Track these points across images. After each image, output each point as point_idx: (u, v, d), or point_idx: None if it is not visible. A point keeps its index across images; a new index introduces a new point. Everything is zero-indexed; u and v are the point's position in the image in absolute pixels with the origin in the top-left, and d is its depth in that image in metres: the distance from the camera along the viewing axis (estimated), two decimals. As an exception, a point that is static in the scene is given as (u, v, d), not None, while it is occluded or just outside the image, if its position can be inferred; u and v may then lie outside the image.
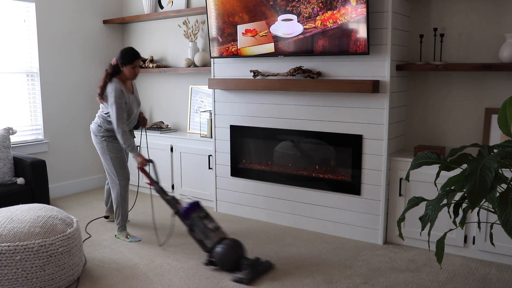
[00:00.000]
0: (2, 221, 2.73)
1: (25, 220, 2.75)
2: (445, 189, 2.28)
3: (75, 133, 5.05)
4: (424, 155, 2.42)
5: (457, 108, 3.54)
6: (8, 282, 2.58)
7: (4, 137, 3.86)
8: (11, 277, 2.58)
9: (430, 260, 3.21)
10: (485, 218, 3.07)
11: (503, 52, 3.16)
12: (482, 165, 2.06)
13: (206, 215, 3.21)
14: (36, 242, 2.65)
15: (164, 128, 4.92)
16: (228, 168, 4.26)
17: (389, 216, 3.55)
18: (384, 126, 3.44)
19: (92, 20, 5.11)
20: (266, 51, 3.78)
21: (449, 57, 3.49)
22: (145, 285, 2.89)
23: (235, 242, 3.07)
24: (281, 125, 3.92)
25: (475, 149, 2.85)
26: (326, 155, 3.85)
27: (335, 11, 3.37)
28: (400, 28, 3.48)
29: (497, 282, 2.90)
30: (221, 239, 3.08)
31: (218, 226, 3.19)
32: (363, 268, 3.12)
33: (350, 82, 3.42)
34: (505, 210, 2.00)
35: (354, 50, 3.37)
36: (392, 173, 3.51)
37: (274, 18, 3.67)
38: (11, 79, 4.51)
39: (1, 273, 2.57)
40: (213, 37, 4.03)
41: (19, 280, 2.60)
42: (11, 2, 4.43)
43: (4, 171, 3.78)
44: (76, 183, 5.09)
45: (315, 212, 3.82)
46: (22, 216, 2.80)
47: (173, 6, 4.85)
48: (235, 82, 3.99)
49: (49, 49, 4.74)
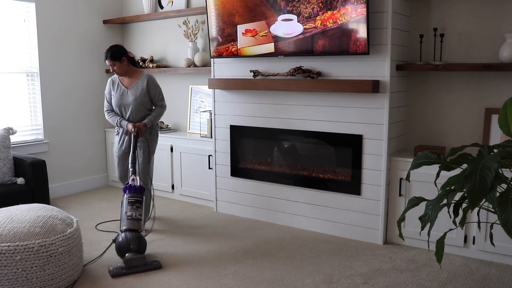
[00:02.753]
0: (2, 221, 2.73)
1: (25, 220, 2.75)
2: (445, 189, 2.28)
3: (75, 133, 5.05)
4: (424, 155, 2.42)
5: (457, 108, 3.54)
6: (8, 282, 2.58)
7: (4, 137, 3.86)
8: (11, 277, 2.58)
9: (430, 260, 3.21)
10: (485, 218, 3.07)
11: (503, 52, 3.16)
12: (482, 165, 2.06)
13: (135, 201, 3.27)
14: (36, 242, 2.65)
15: (164, 128, 4.92)
16: (228, 168, 4.26)
17: (389, 216, 3.55)
18: (384, 126, 3.44)
19: (92, 20, 5.11)
20: (266, 51, 3.78)
21: (449, 57, 3.50)
22: (145, 285, 2.89)
23: (132, 238, 3.13)
24: (281, 125, 3.92)
25: (475, 149, 2.85)
26: (326, 155, 3.85)
27: (335, 11, 3.37)
28: (400, 28, 3.48)
29: (497, 282, 2.90)
30: (126, 230, 3.19)
31: (135, 218, 3.23)
32: (363, 268, 3.12)
33: (350, 82, 3.42)
34: (505, 210, 2.00)
35: (354, 50, 3.37)
36: (392, 173, 3.51)
37: (274, 18, 3.67)
38: (11, 79, 4.51)
39: (1, 273, 2.57)
40: (213, 37, 4.04)
41: (19, 280, 2.60)
42: (11, 2, 4.43)
43: (4, 171, 3.78)
44: (76, 183, 5.09)
45: (315, 212, 3.82)
46: (22, 216, 2.80)
47: (173, 6, 4.85)
48: (235, 82, 3.99)
49: (49, 49, 4.74)
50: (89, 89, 5.15)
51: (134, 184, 3.39)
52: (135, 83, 3.72)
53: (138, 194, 3.33)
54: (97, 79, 5.22)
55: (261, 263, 3.20)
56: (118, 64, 3.65)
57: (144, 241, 3.22)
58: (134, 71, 3.78)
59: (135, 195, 3.31)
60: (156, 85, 3.77)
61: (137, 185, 3.38)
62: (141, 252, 3.16)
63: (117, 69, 3.68)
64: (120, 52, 3.65)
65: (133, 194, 3.31)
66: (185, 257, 3.31)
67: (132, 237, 3.14)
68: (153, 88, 3.74)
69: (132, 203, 3.28)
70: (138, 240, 3.16)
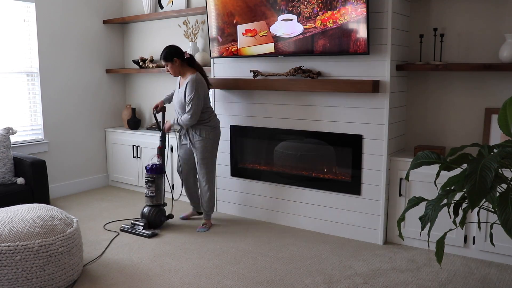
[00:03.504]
0: (2, 221, 2.73)
1: (25, 220, 2.75)
2: (445, 189, 2.29)
3: (75, 133, 5.05)
4: (424, 155, 2.42)
5: (457, 108, 3.54)
6: (8, 282, 2.58)
7: (4, 137, 3.86)
8: (11, 277, 2.58)
9: (430, 260, 3.21)
10: (485, 218, 3.07)
11: (503, 52, 3.16)
12: (482, 165, 2.06)
13: (147, 181, 3.83)
14: (36, 242, 2.65)
15: (164, 128, 4.92)
16: (228, 168, 4.26)
17: (389, 216, 3.55)
18: (384, 126, 3.44)
19: (92, 20, 5.11)
20: (266, 51, 3.78)
21: (449, 57, 3.50)
22: (145, 285, 2.89)
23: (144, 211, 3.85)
24: (281, 125, 3.92)
25: (475, 149, 2.85)
26: (326, 155, 3.85)
27: (335, 11, 3.37)
28: (400, 28, 3.48)
29: (497, 282, 2.90)
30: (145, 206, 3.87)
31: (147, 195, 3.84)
32: (363, 268, 3.12)
33: (350, 82, 3.42)
34: (505, 209, 2.00)
35: (354, 50, 3.37)
36: (392, 173, 3.51)
37: (274, 18, 3.67)
38: (11, 79, 4.51)
39: (1, 273, 2.57)
40: (213, 37, 4.04)
41: (19, 280, 2.60)
42: (11, 2, 4.43)
43: (4, 171, 3.78)
44: (76, 183, 5.09)
45: (315, 212, 3.82)
46: (22, 216, 2.79)
47: (173, 6, 4.85)
48: (235, 82, 3.99)
49: (49, 49, 4.74)
50: (89, 89, 5.15)
51: (147, 165, 3.85)
52: (183, 84, 3.75)
53: (149, 175, 3.83)
54: (97, 79, 5.22)
55: (261, 263, 3.20)
56: (170, 65, 3.72)
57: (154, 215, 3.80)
58: (187, 71, 3.77)
59: (148, 175, 3.84)
60: (191, 90, 3.64)
61: (147, 166, 3.84)
62: (150, 223, 3.80)
63: (170, 69, 3.74)
64: (171, 53, 3.69)
65: (147, 174, 3.84)
66: (185, 257, 3.31)
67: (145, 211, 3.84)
68: (188, 92, 3.67)
69: (145, 182, 3.86)
70: (148, 213, 3.81)
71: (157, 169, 3.84)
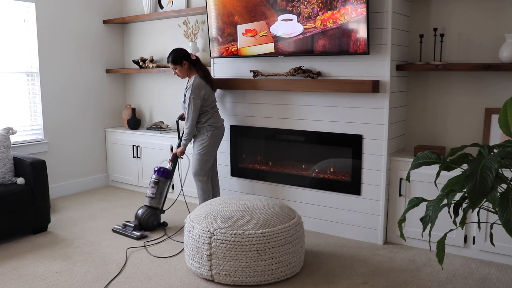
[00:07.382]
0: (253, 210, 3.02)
1: (264, 209, 3.02)
2: (445, 190, 2.29)
3: (75, 133, 5.05)
4: (424, 155, 2.42)
5: (457, 108, 3.54)
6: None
7: (4, 137, 3.86)
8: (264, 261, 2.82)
9: (430, 260, 3.22)
10: (485, 218, 3.07)
11: (503, 52, 3.16)
12: (483, 165, 2.06)
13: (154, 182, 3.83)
14: (277, 228, 2.89)
15: (164, 128, 4.92)
16: (228, 168, 4.26)
17: (389, 216, 3.55)
18: (384, 126, 3.44)
19: (92, 20, 5.11)
20: (266, 51, 3.78)
21: (449, 57, 3.50)
22: (145, 285, 2.89)
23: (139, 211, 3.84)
24: (281, 125, 3.92)
25: (475, 149, 2.85)
26: (326, 155, 3.85)
27: (335, 11, 3.37)
28: (400, 28, 3.48)
29: (497, 282, 2.90)
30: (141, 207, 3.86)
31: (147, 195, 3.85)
32: (363, 268, 3.12)
33: (350, 82, 3.42)
34: (506, 210, 2.00)
35: (354, 50, 3.37)
36: (392, 173, 3.51)
37: (274, 18, 3.67)
38: (11, 79, 4.51)
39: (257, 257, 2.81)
40: (213, 37, 4.04)
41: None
42: (11, 2, 4.43)
43: (4, 171, 3.77)
44: (76, 183, 5.09)
45: (315, 212, 3.82)
46: (261, 205, 3.08)
47: (173, 6, 4.85)
48: (235, 82, 3.99)
49: (49, 49, 4.74)
50: (89, 89, 5.14)
51: (156, 167, 3.87)
52: (188, 84, 3.77)
53: (155, 176, 3.84)
54: (97, 79, 5.22)
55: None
56: (179, 68, 3.74)
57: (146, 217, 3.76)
58: (192, 73, 3.79)
59: (153, 177, 3.85)
60: (191, 91, 3.67)
61: (156, 168, 3.85)
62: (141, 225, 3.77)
63: (178, 72, 3.77)
64: (181, 56, 3.72)
65: (153, 176, 3.86)
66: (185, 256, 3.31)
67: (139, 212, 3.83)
68: (186, 99, 3.71)
69: (149, 182, 3.86)
70: (141, 214, 3.79)
71: (163, 173, 3.83)
